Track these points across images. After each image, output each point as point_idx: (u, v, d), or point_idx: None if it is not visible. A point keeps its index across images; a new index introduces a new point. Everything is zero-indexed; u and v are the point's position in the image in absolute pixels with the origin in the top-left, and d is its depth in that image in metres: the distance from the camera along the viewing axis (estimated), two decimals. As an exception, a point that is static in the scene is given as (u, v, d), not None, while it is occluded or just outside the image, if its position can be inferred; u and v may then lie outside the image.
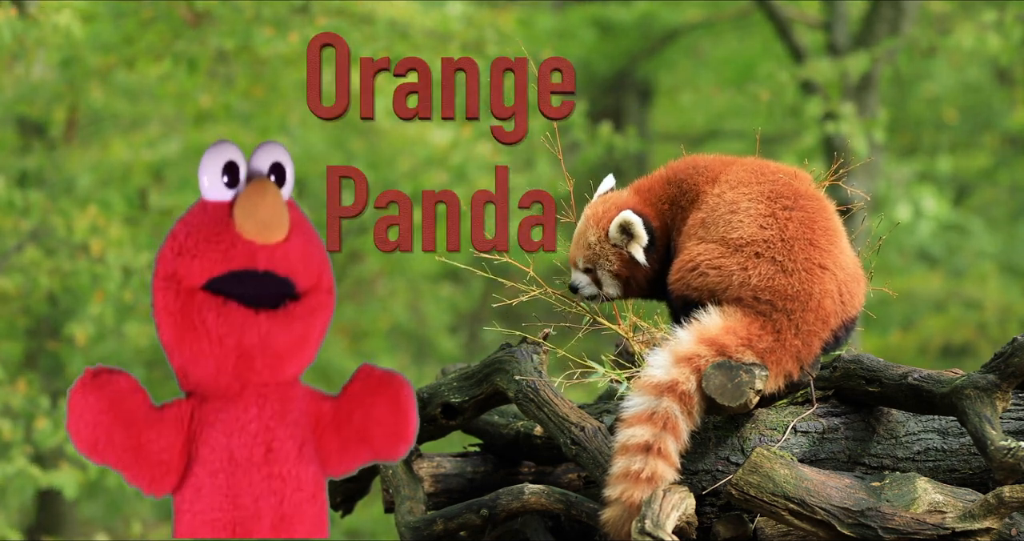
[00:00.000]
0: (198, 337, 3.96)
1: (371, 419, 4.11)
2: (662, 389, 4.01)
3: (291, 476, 4.02)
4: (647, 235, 4.33)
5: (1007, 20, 10.67)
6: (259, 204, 3.99)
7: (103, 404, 3.95)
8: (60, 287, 9.64)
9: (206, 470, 3.99)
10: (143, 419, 3.98)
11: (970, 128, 14.90)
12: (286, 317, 3.99)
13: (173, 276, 3.97)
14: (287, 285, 4.01)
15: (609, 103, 15.21)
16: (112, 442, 3.95)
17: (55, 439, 9.00)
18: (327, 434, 4.10)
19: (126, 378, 4.01)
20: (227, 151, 4.02)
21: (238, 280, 3.96)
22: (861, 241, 4.57)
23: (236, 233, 3.97)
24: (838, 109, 10.93)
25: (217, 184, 4.01)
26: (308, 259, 4.04)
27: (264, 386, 4.01)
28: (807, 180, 4.32)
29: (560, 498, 4.27)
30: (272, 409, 4.02)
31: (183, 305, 3.96)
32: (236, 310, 3.96)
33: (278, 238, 4.01)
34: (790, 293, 4.10)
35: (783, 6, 12.65)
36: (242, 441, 3.99)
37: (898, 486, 3.98)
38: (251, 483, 3.99)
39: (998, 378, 3.97)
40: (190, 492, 3.99)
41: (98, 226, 9.45)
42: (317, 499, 4.08)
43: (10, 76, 10.40)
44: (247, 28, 10.23)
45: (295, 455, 4.03)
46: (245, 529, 3.98)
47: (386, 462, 4.48)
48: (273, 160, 4.09)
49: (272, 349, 3.98)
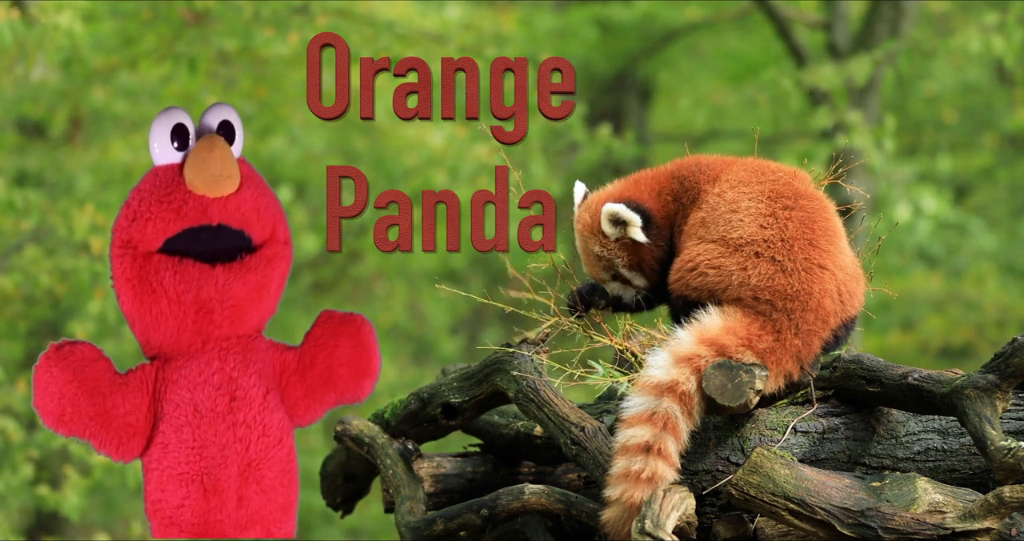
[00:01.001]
0: (157, 298, 4.03)
1: (334, 359, 4.20)
2: (662, 389, 4.02)
3: (256, 422, 4.08)
4: (636, 214, 4.33)
5: (1009, 21, 10.66)
6: (207, 159, 4.06)
7: (67, 374, 4.02)
8: (60, 286, 9.64)
9: (171, 426, 4.06)
10: (107, 385, 4.05)
11: (970, 128, 14.90)
12: (241, 268, 4.07)
13: (129, 243, 4.05)
14: (242, 237, 4.08)
15: (609, 103, 15.21)
16: (78, 411, 4.01)
17: (59, 439, 8.99)
18: (292, 381, 4.16)
19: (89, 347, 4.09)
20: (175, 115, 4.10)
21: (193, 237, 4.04)
22: (861, 241, 4.57)
23: (187, 190, 4.06)
24: (847, 119, 10.91)
25: (167, 148, 4.09)
26: (261, 211, 4.11)
27: (226, 339, 4.08)
28: (807, 180, 4.33)
29: (560, 498, 4.27)
30: (235, 360, 4.08)
31: (140, 269, 4.04)
32: (192, 266, 4.05)
33: (229, 191, 4.08)
34: (790, 293, 4.10)
35: (783, 6, 12.64)
36: (206, 394, 4.06)
37: (898, 486, 3.98)
38: (216, 433, 4.05)
39: (998, 378, 3.97)
40: (157, 450, 4.05)
41: (98, 225, 9.44)
42: (284, 444, 4.14)
43: (10, 77, 10.40)
44: (247, 28, 10.23)
45: (259, 402, 4.09)
46: (212, 478, 4.03)
47: (387, 452, 4.51)
48: (222, 119, 4.16)
49: (230, 300, 4.05)
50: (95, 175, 11.12)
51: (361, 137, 12.83)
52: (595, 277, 4.47)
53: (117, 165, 11.36)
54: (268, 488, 4.11)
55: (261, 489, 4.10)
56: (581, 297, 4.46)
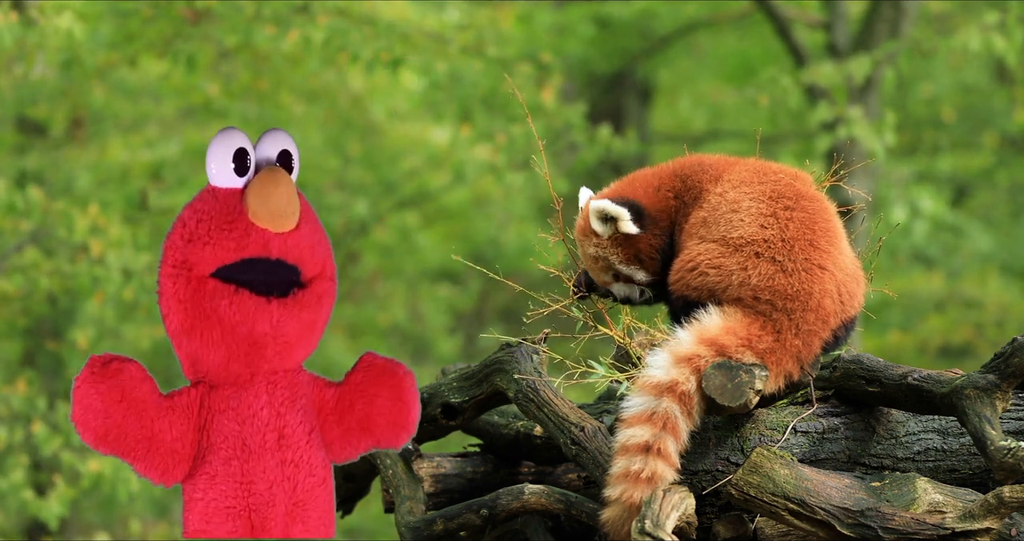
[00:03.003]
0: (210, 325, 3.93)
1: (373, 408, 4.11)
2: (662, 389, 4.01)
3: (303, 462, 4.01)
4: (623, 208, 4.32)
5: (1009, 21, 10.65)
6: (272, 192, 3.97)
7: (115, 394, 3.91)
8: (60, 288, 9.64)
9: (219, 458, 3.97)
10: (154, 409, 3.95)
11: (969, 128, 14.90)
12: (295, 305, 3.98)
13: (184, 263, 3.94)
14: (295, 272, 3.99)
15: (609, 103, 15.20)
16: (124, 433, 3.92)
17: (51, 446, 8.98)
18: (330, 421, 4.09)
19: (136, 366, 3.98)
20: (235, 138, 3.99)
21: (249, 267, 3.95)
22: (861, 242, 4.57)
23: (249, 221, 3.95)
24: (846, 114, 10.91)
25: (226, 171, 3.98)
26: (316, 247, 4.03)
27: (273, 373, 4.00)
28: (809, 181, 4.32)
29: (560, 498, 4.27)
30: (282, 396, 4.01)
31: (194, 293, 3.93)
32: (248, 298, 3.94)
33: (290, 226, 3.99)
34: (790, 293, 4.10)
35: (783, 6, 12.64)
36: (254, 428, 3.97)
37: (898, 486, 3.98)
38: (265, 469, 3.97)
39: (998, 378, 3.96)
40: (203, 480, 3.97)
41: (98, 226, 9.44)
42: (327, 484, 4.09)
43: (9, 77, 10.40)
44: (248, 26, 10.23)
45: (306, 441, 4.02)
46: (260, 515, 3.96)
47: (387, 452, 4.48)
48: (281, 147, 4.08)
49: (283, 337, 3.97)
50: (93, 174, 11.12)
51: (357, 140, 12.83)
52: (600, 282, 4.46)
53: (115, 165, 11.37)
54: (312, 528, 4.05)
55: (306, 529, 4.03)
56: (587, 278, 4.45)
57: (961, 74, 14.47)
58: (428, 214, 13.82)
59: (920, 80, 14.23)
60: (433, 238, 13.91)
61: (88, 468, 9.01)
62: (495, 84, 11.06)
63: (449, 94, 11.34)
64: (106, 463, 9.03)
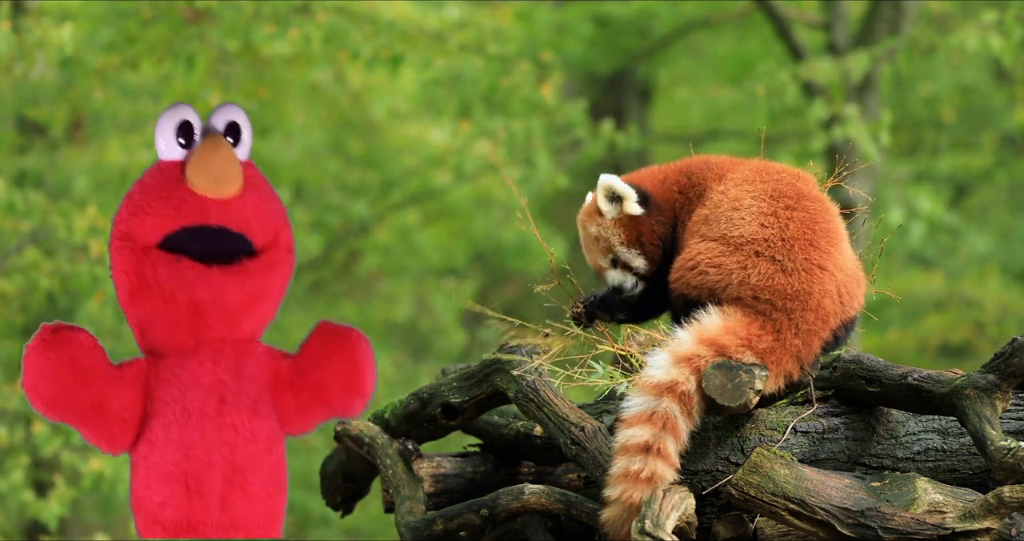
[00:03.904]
0: (152, 294, 4.02)
1: (326, 374, 4.18)
2: (662, 389, 4.01)
3: (243, 427, 4.07)
4: (630, 188, 4.34)
5: (1008, 20, 10.65)
6: (210, 159, 4.04)
7: (64, 362, 4.00)
8: (60, 288, 9.64)
9: (160, 424, 4.04)
10: (103, 378, 4.04)
11: (969, 128, 14.90)
12: (240, 273, 4.05)
13: (128, 235, 4.04)
14: (242, 241, 4.06)
15: (609, 103, 15.20)
16: (73, 400, 4.00)
17: (51, 446, 8.98)
18: (285, 392, 4.15)
19: (86, 335, 4.07)
20: (182, 112, 4.08)
21: (192, 236, 4.03)
22: (861, 243, 4.57)
23: (188, 188, 4.04)
24: (842, 112, 10.90)
25: (172, 144, 4.08)
26: (263, 216, 4.09)
27: (220, 342, 4.07)
28: (811, 182, 4.33)
29: (560, 498, 4.27)
30: (227, 364, 4.07)
31: (138, 263, 4.03)
32: (189, 266, 4.03)
33: (231, 193, 4.05)
34: (790, 292, 4.10)
35: (783, 6, 12.64)
36: (196, 394, 4.05)
37: (898, 486, 3.98)
38: (204, 434, 4.04)
39: (998, 378, 3.97)
40: (145, 446, 4.05)
41: (97, 227, 9.44)
42: (273, 453, 4.12)
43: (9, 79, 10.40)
44: (247, 25, 10.23)
45: (249, 407, 4.08)
46: (196, 479, 4.02)
47: (387, 452, 4.51)
48: (229, 119, 4.14)
49: (224, 304, 4.04)
50: (92, 176, 11.12)
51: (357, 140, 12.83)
52: (595, 267, 4.45)
53: (114, 166, 11.36)
54: (253, 495, 4.09)
55: (245, 495, 4.08)
56: (587, 310, 4.45)
57: (960, 74, 14.47)
58: (429, 213, 13.83)
59: (920, 80, 14.22)
60: (434, 237, 13.92)
61: (89, 467, 9.01)
62: (495, 81, 11.06)
63: (449, 90, 11.36)
64: (106, 463, 9.04)
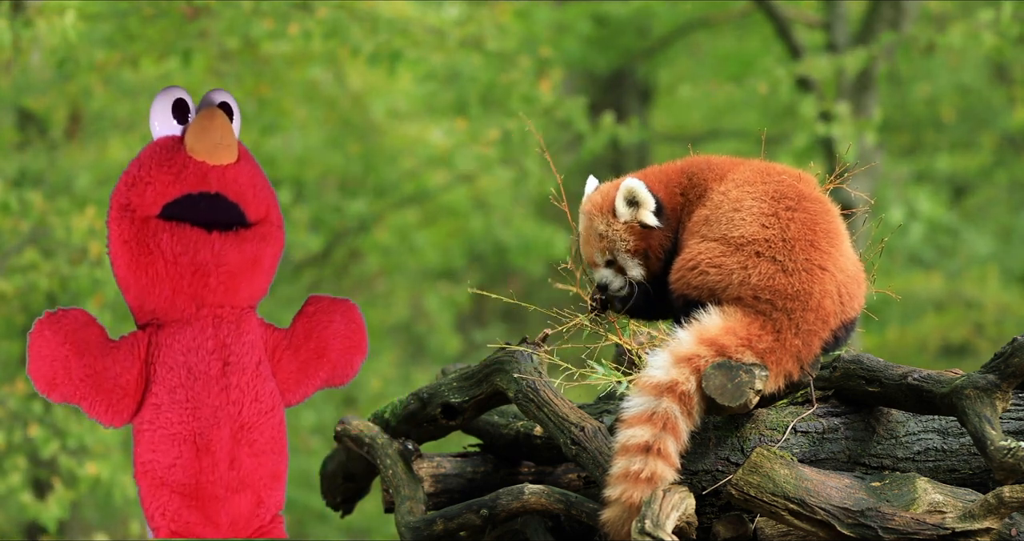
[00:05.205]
0: (153, 259, 4.12)
1: (328, 332, 4.33)
2: (662, 389, 4.01)
3: (249, 387, 4.19)
4: (652, 196, 4.32)
5: (1003, 18, 10.65)
6: (208, 127, 4.19)
7: (60, 337, 4.08)
8: (60, 289, 9.64)
9: (165, 388, 4.13)
10: (98, 348, 4.13)
11: (968, 128, 14.90)
12: (237, 238, 4.19)
13: (127, 206, 4.13)
14: (237, 211, 4.17)
15: (609, 102, 15.20)
16: (69, 373, 4.08)
17: (50, 448, 8.98)
18: (285, 357, 4.30)
19: (81, 312, 4.17)
20: (175, 92, 4.25)
21: (192, 203, 4.14)
22: (861, 243, 4.58)
23: (187, 155, 4.16)
24: (833, 109, 10.90)
25: (168, 122, 4.22)
26: (257, 188, 4.26)
27: (219, 307, 4.18)
28: (812, 183, 4.33)
29: (560, 498, 4.27)
30: (228, 328, 4.19)
31: (138, 232, 4.13)
32: (189, 230, 4.14)
33: (228, 159, 4.20)
34: (790, 293, 4.10)
35: (783, 6, 12.64)
36: (199, 357, 4.15)
37: (898, 486, 3.98)
38: (210, 394, 4.13)
39: (998, 378, 3.97)
40: (149, 411, 4.13)
41: (96, 229, 9.44)
42: (275, 413, 4.25)
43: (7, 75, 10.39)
44: (247, 21, 10.25)
45: (252, 369, 4.20)
46: (205, 438, 4.11)
47: (387, 452, 4.57)
48: (221, 100, 4.26)
49: (225, 266, 4.16)
50: (92, 174, 11.12)
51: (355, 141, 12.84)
52: (589, 260, 4.44)
53: (114, 164, 11.35)
54: (259, 452, 4.20)
55: (252, 452, 4.18)
56: (601, 298, 4.44)
57: (959, 74, 14.47)
58: (428, 212, 13.83)
59: (919, 80, 14.23)
60: (433, 237, 13.91)
61: (86, 472, 9.03)
62: (494, 79, 11.06)
63: (447, 87, 11.35)
64: (103, 467, 9.06)
